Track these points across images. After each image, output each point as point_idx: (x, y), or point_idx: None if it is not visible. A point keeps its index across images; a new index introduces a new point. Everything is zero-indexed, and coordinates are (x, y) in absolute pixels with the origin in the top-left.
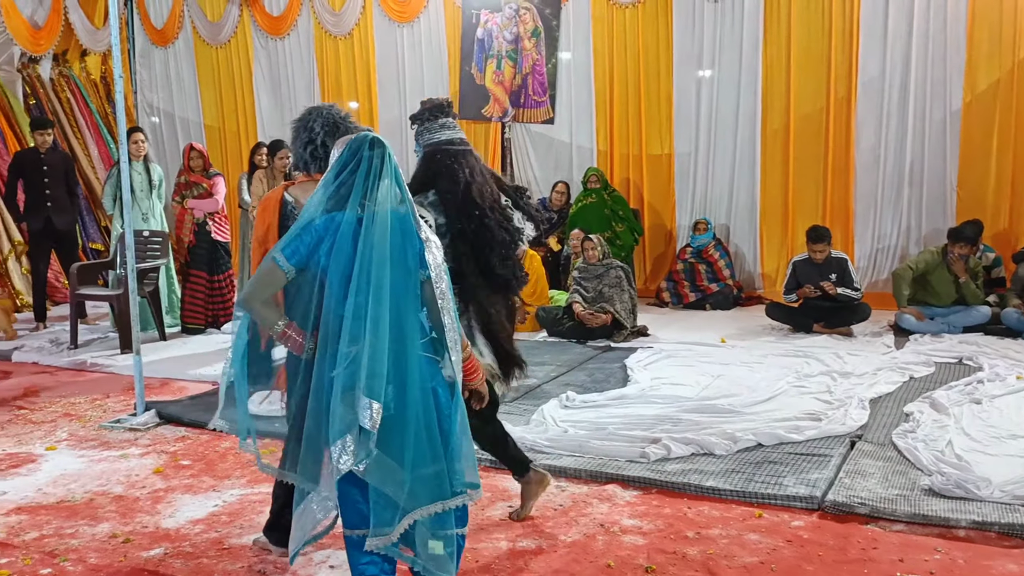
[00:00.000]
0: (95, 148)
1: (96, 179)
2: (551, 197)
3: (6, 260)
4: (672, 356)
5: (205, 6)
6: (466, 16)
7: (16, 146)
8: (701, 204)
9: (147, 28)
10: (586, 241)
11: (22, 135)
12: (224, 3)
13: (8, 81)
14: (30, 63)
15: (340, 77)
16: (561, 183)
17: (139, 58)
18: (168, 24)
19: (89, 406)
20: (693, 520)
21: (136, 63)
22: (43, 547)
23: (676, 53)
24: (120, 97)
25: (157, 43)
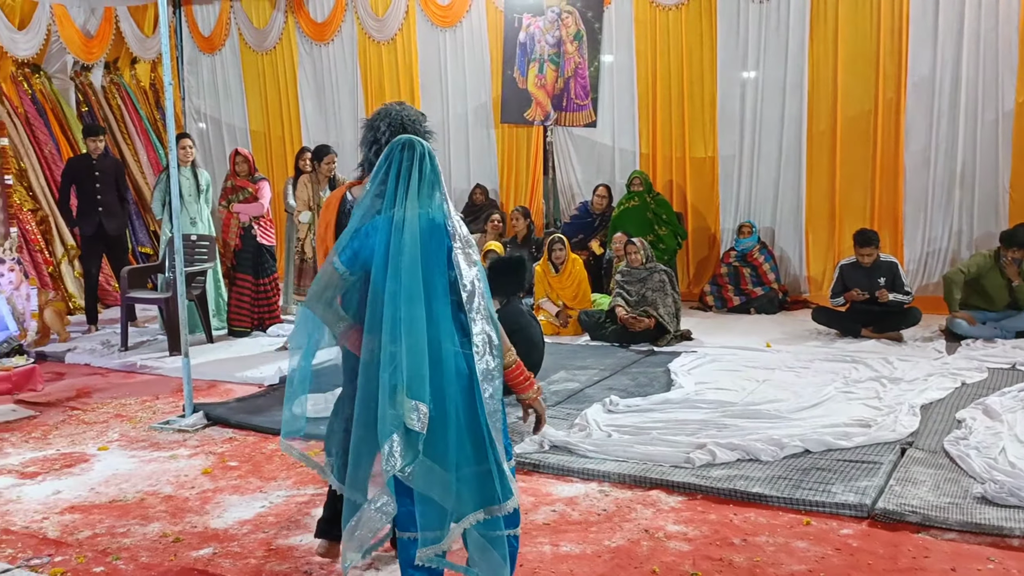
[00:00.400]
0: (144, 154)
1: (145, 184)
2: (592, 201)
3: (59, 264)
4: (716, 360)
5: (251, 13)
6: (508, 20)
7: (69, 152)
8: (745, 207)
9: (195, 36)
10: (629, 245)
11: (75, 141)
12: (270, 10)
13: (62, 89)
14: (83, 71)
15: (383, 82)
16: (602, 186)
17: (187, 65)
18: (215, 31)
19: (139, 407)
20: (739, 527)
21: (184, 70)
22: (96, 546)
23: (720, 54)
24: (169, 104)
25: (205, 50)
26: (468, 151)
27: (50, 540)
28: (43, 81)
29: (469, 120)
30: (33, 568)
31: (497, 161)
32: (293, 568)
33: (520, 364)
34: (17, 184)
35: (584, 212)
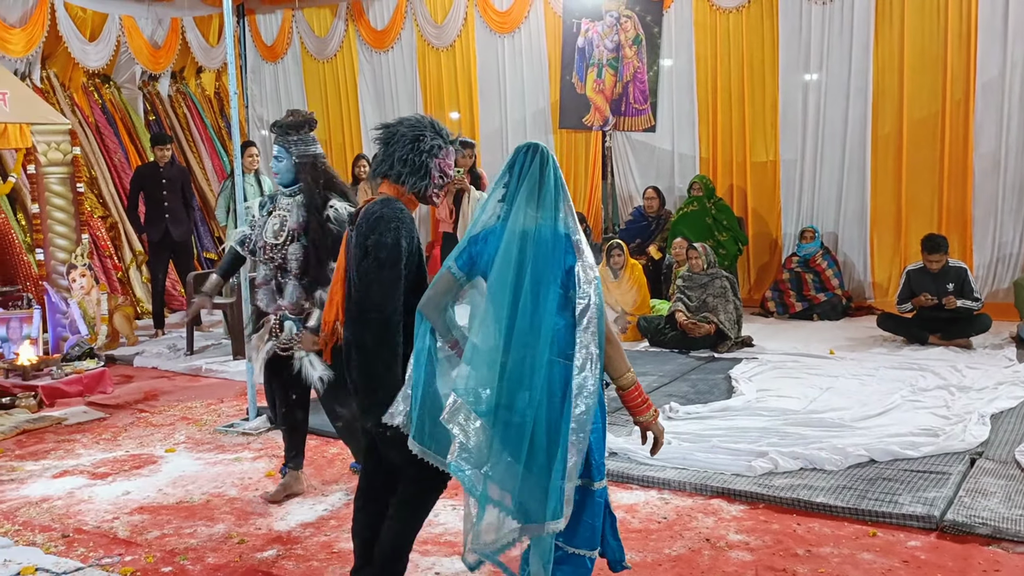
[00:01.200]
0: (209, 161)
1: (210, 191)
2: (644, 204)
3: (128, 269)
4: (778, 367)
5: (313, 22)
6: (567, 25)
7: (137, 160)
8: (808, 211)
9: (258, 45)
10: (690, 250)
11: (143, 149)
12: (331, 18)
13: (130, 98)
14: (150, 81)
15: (442, 88)
16: (651, 189)
17: (250, 74)
18: (278, 40)
19: (205, 410)
20: (803, 537)
21: (248, 79)
22: (164, 546)
23: (782, 57)
24: (234, 112)
25: (267, 59)
26: None
27: (120, 540)
28: (113, 91)
29: (527, 126)
30: (104, 567)
31: None
32: None
33: (639, 386)
34: (88, 192)
35: (639, 216)
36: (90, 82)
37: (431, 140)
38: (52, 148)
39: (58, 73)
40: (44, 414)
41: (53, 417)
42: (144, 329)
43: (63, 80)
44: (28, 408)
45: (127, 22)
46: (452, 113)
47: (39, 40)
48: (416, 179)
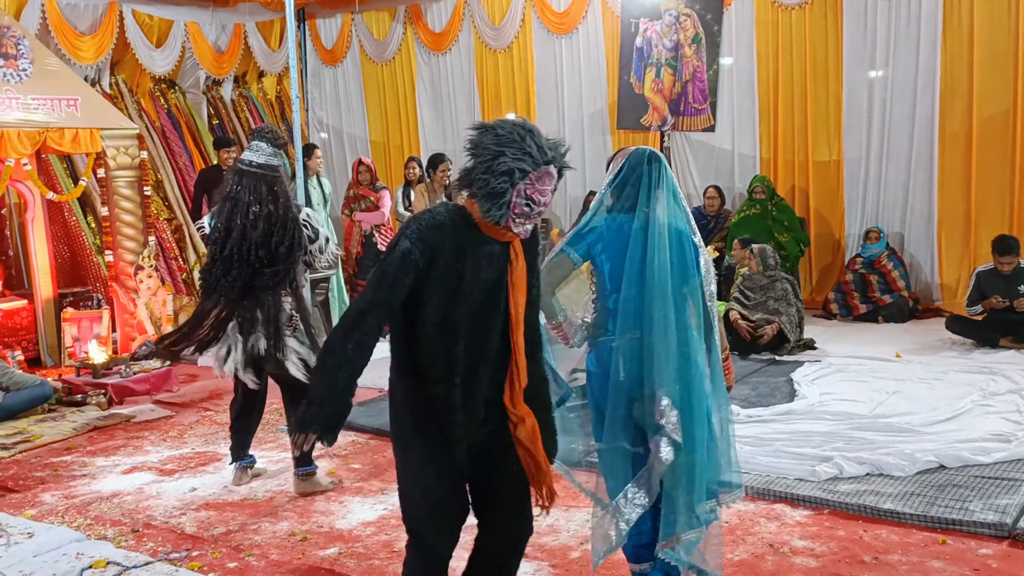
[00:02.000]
0: None
1: None
2: (704, 204)
3: (192, 270)
4: (842, 371)
5: (372, 25)
6: (625, 25)
7: (201, 163)
8: (872, 212)
9: (318, 48)
10: (747, 251)
11: (206, 153)
12: (389, 21)
13: (195, 103)
14: (214, 85)
15: (499, 90)
16: (712, 188)
17: (310, 77)
18: (337, 44)
19: (268, 410)
20: (870, 544)
21: (308, 82)
22: (230, 542)
23: (846, 54)
24: (296, 116)
25: (327, 62)
26: (584, 157)
27: (187, 535)
28: (178, 96)
29: (585, 126)
30: (172, 561)
31: None
32: None
33: (729, 358)
34: (154, 194)
35: (698, 216)
36: (156, 87)
37: (514, 160)
38: (121, 152)
39: (126, 79)
40: (113, 412)
41: (122, 415)
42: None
43: (131, 86)
44: (98, 405)
45: (192, 28)
46: (509, 114)
47: (108, 47)
48: (491, 205)
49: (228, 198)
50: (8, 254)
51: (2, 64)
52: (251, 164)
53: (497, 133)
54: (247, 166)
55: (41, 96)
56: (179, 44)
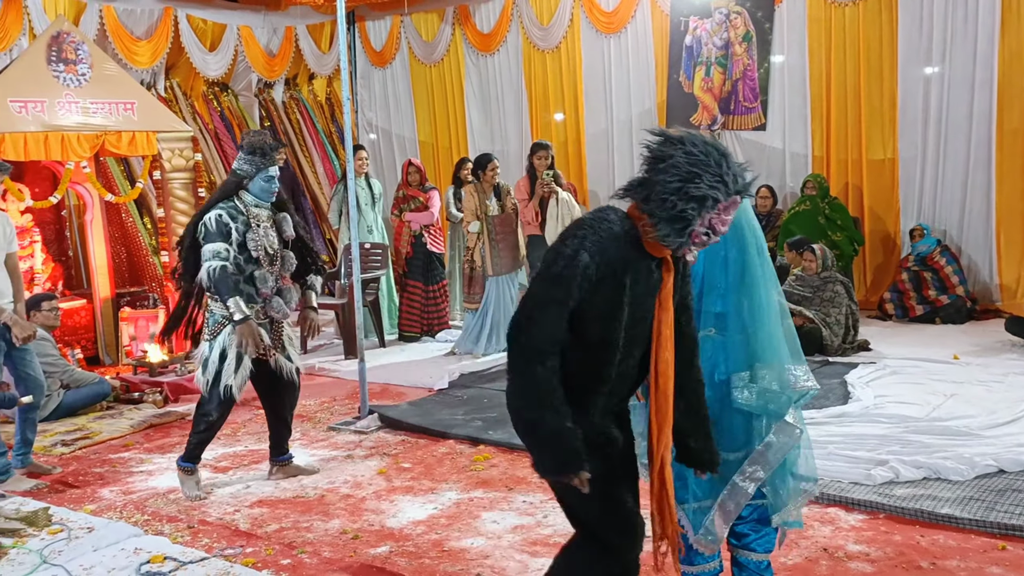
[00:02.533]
0: (320, 165)
1: (322, 194)
2: (755, 203)
3: None
4: (898, 373)
5: (420, 27)
6: (674, 24)
7: None
8: (929, 210)
9: (367, 50)
10: (806, 252)
11: None
12: (438, 23)
13: (247, 105)
14: (265, 88)
15: (548, 90)
16: (764, 187)
17: (360, 79)
18: (387, 46)
19: (318, 408)
20: (927, 549)
21: (357, 84)
22: (283, 539)
23: (901, 50)
24: (347, 117)
25: (376, 64)
26: (632, 158)
27: (241, 532)
28: (230, 99)
29: (634, 126)
30: (227, 558)
31: None
32: (465, 570)
33: None
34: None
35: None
36: (209, 90)
37: (709, 188)
38: (176, 155)
39: (180, 82)
40: (169, 409)
41: (177, 412)
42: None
43: (185, 89)
44: (154, 403)
45: (244, 32)
46: (557, 114)
47: (163, 51)
48: (671, 230)
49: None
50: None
51: (62, 69)
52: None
53: (689, 151)
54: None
55: (99, 100)
56: (232, 48)
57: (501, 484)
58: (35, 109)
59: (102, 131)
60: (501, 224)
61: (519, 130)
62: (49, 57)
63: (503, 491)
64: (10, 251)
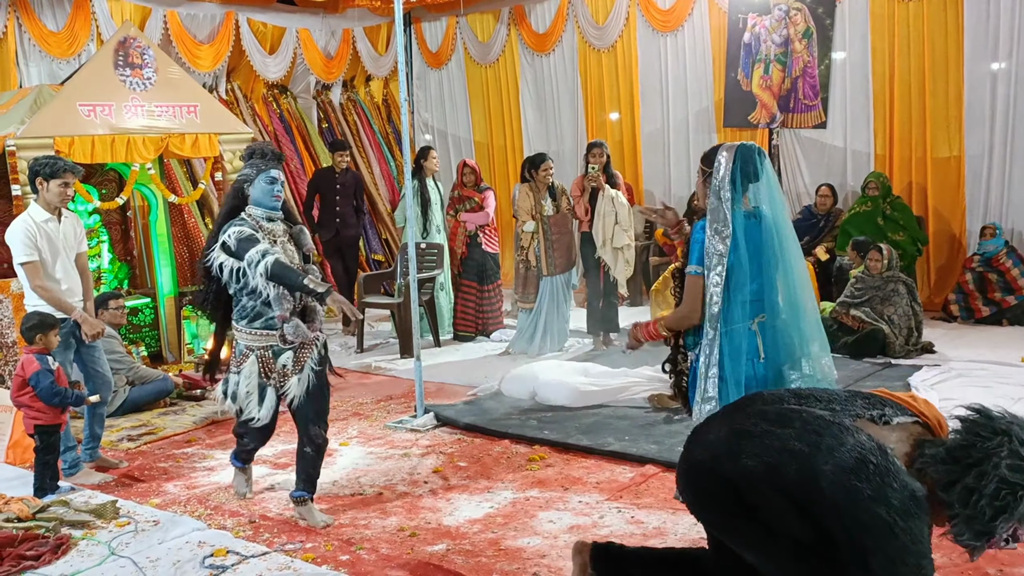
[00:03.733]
0: (377, 166)
1: (378, 195)
2: (816, 202)
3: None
4: (963, 376)
5: (476, 28)
6: (732, 21)
7: (311, 167)
8: (996, 209)
9: (423, 52)
10: (873, 251)
11: (316, 156)
12: (494, 24)
13: (305, 107)
14: (323, 90)
15: (603, 89)
16: (825, 186)
17: (416, 80)
18: (442, 47)
19: (375, 407)
20: (995, 556)
21: (414, 85)
22: (341, 535)
23: (967, 46)
24: (404, 119)
25: (432, 65)
26: (689, 157)
27: (301, 528)
28: (289, 101)
29: (690, 125)
30: (288, 552)
31: None
32: (521, 569)
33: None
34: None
35: (808, 215)
36: (269, 93)
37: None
38: (237, 156)
39: (241, 85)
40: None
41: None
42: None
43: (245, 92)
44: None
45: (303, 35)
46: (612, 114)
47: (225, 55)
48: (970, 533)
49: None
50: (133, 254)
51: (129, 74)
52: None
53: (1015, 451)
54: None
55: (164, 103)
56: (291, 50)
57: (557, 484)
58: (103, 113)
59: (166, 133)
60: (556, 224)
61: (574, 130)
62: (116, 62)
63: (559, 491)
64: (80, 251)
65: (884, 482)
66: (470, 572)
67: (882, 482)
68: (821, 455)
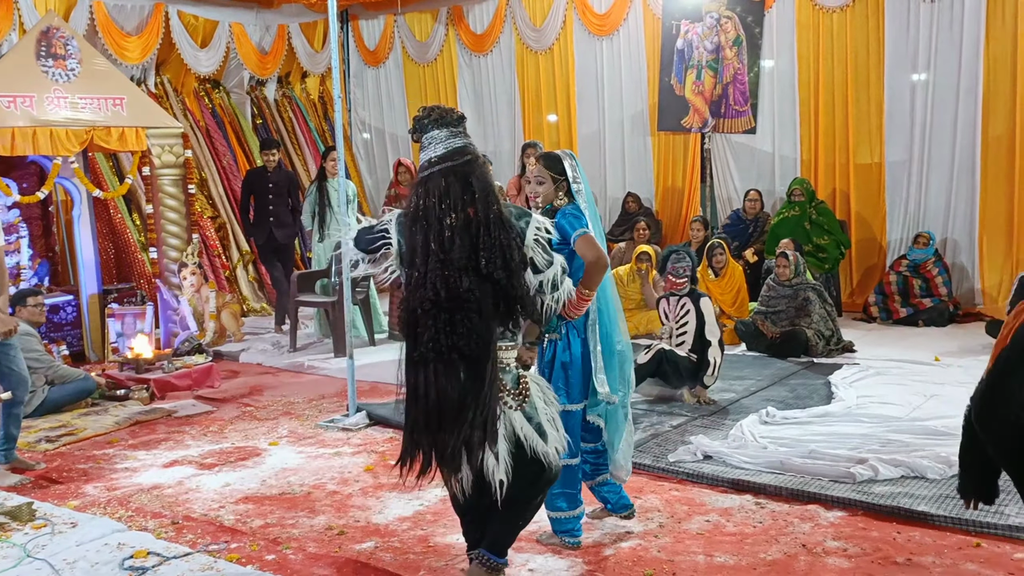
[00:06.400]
0: (313, 164)
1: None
2: (744, 206)
3: (235, 268)
4: (881, 373)
5: (414, 27)
6: (666, 27)
7: (245, 163)
8: (915, 216)
9: (361, 50)
10: (780, 257)
11: (250, 152)
12: (432, 23)
13: (239, 103)
14: (257, 86)
15: (540, 91)
16: (753, 191)
17: (353, 78)
18: (380, 45)
19: (306, 406)
20: (903, 546)
21: (351, 83)
22: (267, 535)
23: (888, 56)
24: (338, 117)
25: (369, 63)
26: (624, 159)
27: (226, 528)
28: (222, 96)
29: (625, 128)
30: (211, 553)
31: (653, 169)
32: (449, 565)
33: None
34: (198, 193)
35: (736, 219)
36: (201, 87)
37: None
38: (165, 151)
39: (171, 79)
40: (155, 406)
41: (164, 409)
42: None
43: (176, 85)
44: (141, 400)
45: (236, 29)
46: (550, 116)
47: (154, 47)
48: None
49: (415, 219)
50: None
51: (51, 64)
52: (431, 163)
53: None
54: (427, 168)
55: (88, 95)
56: (223, 44)
57: None
58: (24, 104)
59: (91, 126)
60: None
61: (512, 130)
62: (38, 52)
63: None
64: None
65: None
66: (398, 569)
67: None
68: None
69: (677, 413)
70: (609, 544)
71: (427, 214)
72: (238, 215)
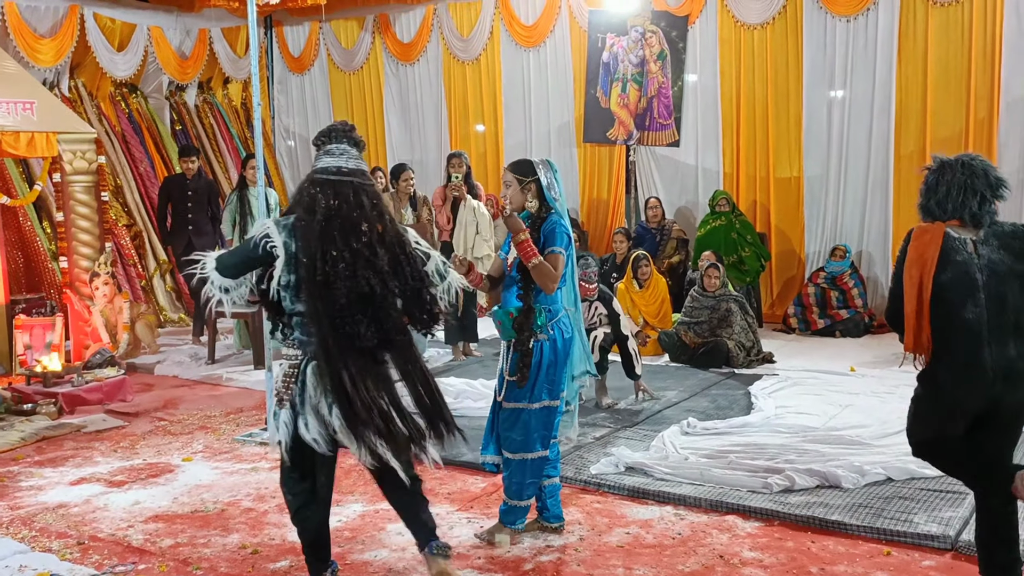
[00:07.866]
0: (234, 171)
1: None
2: (646, 215)
3: (151, 278)
4: (798, 384)
5: (340, 34)
6: (592, 40)
7: (163, 169)
8: (832, 228)
9: (285, 56)
10: (710, 268)
11: (169, 159)
12: (358, 31)
13: (157, 108)
14: (177, 91)
15: (467, 101)
16: (653, 198)
17: (277, 85)
18: (305, 52)
19: (223, 420)
20: (817, 555)
21: (274, 89)
22: (178, 555)
23: (806, 73)
24: (258, 124)
25: (294, 70)
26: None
27: (134, 548)
28: (139, 101)
29: (552, 139)
30: (118, 575)
31: (579, 180)
32: None
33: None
34: (113, 200)
35: (642, 230)
36: (117, 92)
37: None
38: (77, 157)
39: (86, 82)
40: (64, 421)
41: (72, 424)
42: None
43: (91, 89)
44: (48, 415)
45: (155, 33)
46: (477, 126)
47: (68, 50)
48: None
49: (326, 217)
50: None
51: None
52: (340, 171)
53: None
54: (336, 174)
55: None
56: (142, 48)
57: None
58: None
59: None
60: (416, 233)
61: (438, 140)
62: None
63: None
64: None
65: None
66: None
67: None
68: None
69: (600, 424)
70: (529, 559)
71: (341, 215)
72: (155, 223)
